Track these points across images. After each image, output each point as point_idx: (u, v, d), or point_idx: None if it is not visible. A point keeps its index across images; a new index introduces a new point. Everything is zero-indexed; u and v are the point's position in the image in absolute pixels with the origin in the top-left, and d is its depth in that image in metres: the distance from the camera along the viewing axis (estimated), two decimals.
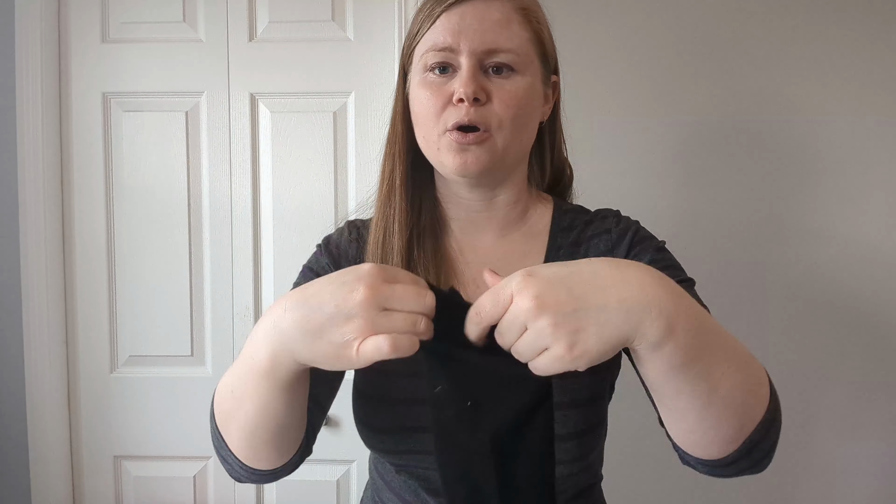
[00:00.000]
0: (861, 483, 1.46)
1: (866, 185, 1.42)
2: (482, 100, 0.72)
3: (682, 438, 0.59)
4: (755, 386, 0.57)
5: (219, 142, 1.53)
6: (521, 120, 0.74)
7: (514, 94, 0.73)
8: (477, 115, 0.72)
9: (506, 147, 0.74)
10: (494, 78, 0.73)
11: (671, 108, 1.44)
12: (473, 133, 0.73)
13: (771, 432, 0.58)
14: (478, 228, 0.83)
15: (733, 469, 0.60)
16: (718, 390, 0.53)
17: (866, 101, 1.41)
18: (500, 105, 0.73)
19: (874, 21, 1.39)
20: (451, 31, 0.73)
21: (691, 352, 0.51)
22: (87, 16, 1.52)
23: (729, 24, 1.42)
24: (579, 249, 0.81)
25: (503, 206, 0.82)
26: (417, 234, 0.80)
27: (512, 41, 0.73)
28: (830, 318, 1.44)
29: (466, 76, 0.72)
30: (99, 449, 1.58)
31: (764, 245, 1.44)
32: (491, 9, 0.73)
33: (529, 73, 0.75)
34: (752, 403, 0.56)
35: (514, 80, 0.74)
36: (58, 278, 1.54)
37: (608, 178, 1.44)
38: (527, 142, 0.78)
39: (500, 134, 0.74)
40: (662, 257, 0.78)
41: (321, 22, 1.51)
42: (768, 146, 1.43)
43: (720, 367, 0.53)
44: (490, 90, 0.73)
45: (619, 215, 0.84)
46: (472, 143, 0.73)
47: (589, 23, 1.43)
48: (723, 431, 0.56)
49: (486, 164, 0.74)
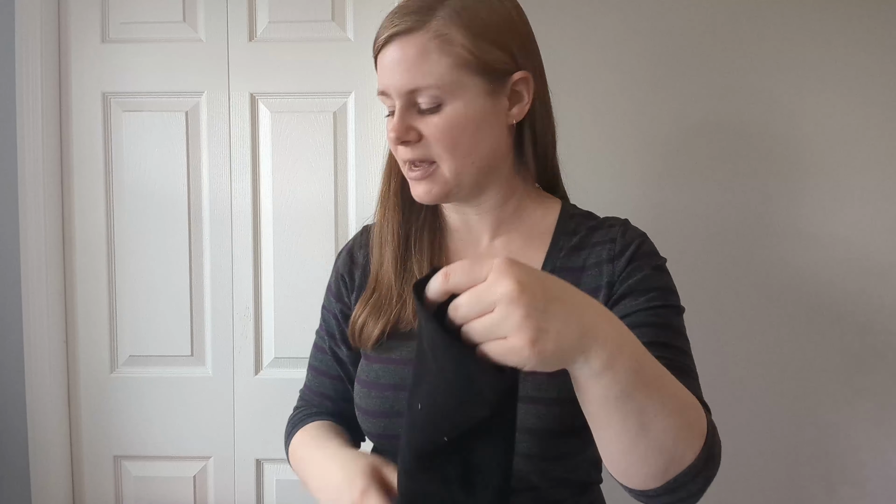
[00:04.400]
0: (858, 482, 1.46)
1: (856, 186, 1.42)
2: (413, 140, 0.75)
3: (607, 462, 0.61)
4: (688, 432, 0.58)
5: (219, 142, 1.53)
6: (462, 146, 0.75)
7: (443, 128, 0.74)
8: (415, 153, 0.75)
9: (456, 173, 0.76)
10: (426, 113, 0.74)
11: (659, 108, 1.44)
12: (419, 170, 0.76)
13: (699, 478, 0.59)
14: (472, 230, 0.85)
15: (657, 501, 0.61)
16: (648, 430, 0.55)
17: (856, 102, 1.41)
18: (433, 140, 0.74)
19: (863, 21, 1.39)
20: (383, 76, 0.75)
21: (627, 388, 0.52)
22: (87, 16, 1.52)
23: (718, 26, 1.42)
24: (580, 254, 0.81)
25: (493, 209, 0.84)
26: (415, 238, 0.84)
27: (431, 75, 0.73)
28: (819, 318, 1.44)
29: (396, 120, 0.75)
30: (99, 449, 1.58)
31: (753, 245, 1.44)
32: (407, 46, 0.73)
33: (461, 97, 0.74)
34: (682, 448, 0.57)
35: (444, 112, 0.74)
36: (58, 278, 1.54)
37: (596, 178, 1.43)
38: (485, 157, 0.78)
39: (444, 164, 0.76)
40: (657, 277, 0.78)
41: (321, 22, 1.51)
42: (757, 147, 1.43)
43: (653, 409, 0.54)
44: (422, 127, 0.74)
45: (626, 225, 0.84)
46: (421, 177, 0.77)
47: (579, 23, 1.43)
48: (647, 468, 0.57)
49: (439, 193, 0.77)
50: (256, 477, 1.57)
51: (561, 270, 0.80)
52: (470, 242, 0.86)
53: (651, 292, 0.76)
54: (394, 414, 0.79)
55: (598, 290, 0.78)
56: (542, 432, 0.74)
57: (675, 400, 0.57)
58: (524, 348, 0.46)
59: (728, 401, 1.43)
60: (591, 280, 0.79)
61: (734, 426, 1.41)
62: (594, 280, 0.79)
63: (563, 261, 0.81)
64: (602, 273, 0.79)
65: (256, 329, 1.55)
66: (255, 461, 1.57)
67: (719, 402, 0.90)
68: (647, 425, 0.54)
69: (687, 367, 0.73)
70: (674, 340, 0.74)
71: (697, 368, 0.76)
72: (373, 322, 0.83)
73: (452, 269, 0.50)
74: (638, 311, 0.75)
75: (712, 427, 0.63)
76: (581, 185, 1.00)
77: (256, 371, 1.56)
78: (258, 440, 1.56)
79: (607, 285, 0.78)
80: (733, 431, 0.62)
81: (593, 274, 0.79)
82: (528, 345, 0.46)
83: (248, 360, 1.56)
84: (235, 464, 1.57)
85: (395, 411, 0.79)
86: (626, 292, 0.77)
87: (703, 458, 0.59)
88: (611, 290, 0.78)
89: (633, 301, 0.76)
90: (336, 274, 0.93)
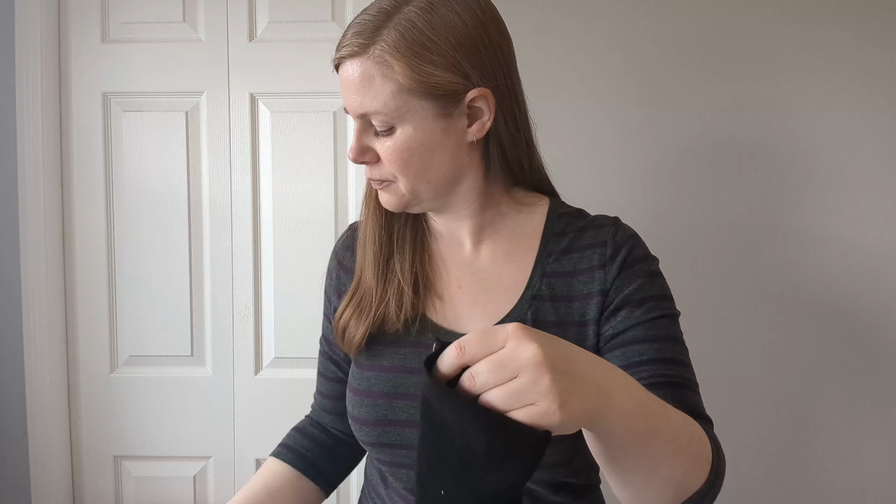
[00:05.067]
0: (859, 482, 1.46)
1: (857, 187, 1.42)
2: (370, 160, 0.75)
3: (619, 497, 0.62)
4: (695, 463, 0.59)
5: (219, 142, 1.53)
6: (412, 168, 0.74)
7: (394, 151, 0.73)
8: (373, 172, 0.77)
9: (413, 190, 0.76)
10: (381, 135, 0.74)
11: (660, 111, 1.43)
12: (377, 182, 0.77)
13: (707, 497, 0.61)
14: (454, 235, 0.85)
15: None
16: (660, 469, 0.56)
17: (857, 105, 1.40)
18: (387, 162, 0.74)
19: (864, 25, 1.39)
20: (342, 94, 0.75)
21: (641, 438, 0.53)
22: (87, 16, 1.52)
23: (718, 29, 1.42)
24: (571, 257, 0.80)
25: (469, 217, 0.82)
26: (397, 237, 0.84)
27: (376, 101, 0.71)
28: (820, 319, 1.44)
29: (353, 141, 0.75)
30: (99, 449, 1.58)
31: (752, 247, 1.44)
32: (353, 70, 0.72)
33: (409, 121, 0.72)
34: (691, 480, 0.59)
35: (394, 135, 0.73)
36: (58, 278, 1.54)
37: (596, 181, 1.44)
38: (442, 176, 0.76)
39: (401, 182, 0.76)
40: (652, 284, 0.77)
41: (321, 22, 1.51)
42: (759, 149, 1.43)
43: (663, 450, 0.55)
44: (375, 149, 0.75)
45: (616, 224, 0.81)
46: (383, 190, 0.78)
47: (578, 26, 1.43)
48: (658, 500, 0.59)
49: (398, 204, 0.78)
50: None
51: (552, 275, 0.79)
52: (454, 246, 0.85)
53: (647, 303, 0.75)
54: (387, 422, 0.79)
55: (591, 296, 0.77)
56: None
57: (679, 435, 0.58)
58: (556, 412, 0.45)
59: (727, 402, 1.43)
60: (581, 286, 0.78)
61: (733, 427, 1.41)
62: (585, 286, 0.78)
63: (553, 265, 0.80)
64: (594, 279, 0.78)
65: (256, 329, 1.56)
66: (255, 461, 1.57)
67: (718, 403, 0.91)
68: (658, 466, 0.56)
69: (689, 381, 0.74)
70: (675, 354, 0.74)
71: (697, 371, 0.76)
72: (355, 323, 0.82)
73: (467, 342, 0.47)
74: (637, 324, 0.74)
75: (716, 446, 0.64)
76: (580, 187, 1.00)
77: (256, 371, 1.56)
78: (258, 440, 1.56)
79: (600, 293, 0.77)
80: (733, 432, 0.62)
81: (585, 279, 0.78)
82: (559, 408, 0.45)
83: (248, 360, 1.56)
84: (235, 464, 1.57)
85: (388, 419, 0.79)
86: (622, 304, 0.76)
87: (711, 482, 0.61)
88: (605, 299, 0.77)
89: (631, 313, 0.75)
90: (327, 275, 0.94)
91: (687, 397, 0.71)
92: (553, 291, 0.79)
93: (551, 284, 0.79)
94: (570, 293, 0.79)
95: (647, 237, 0.83)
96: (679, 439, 0.57)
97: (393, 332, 0.81)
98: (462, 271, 0.83)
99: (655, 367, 0.72)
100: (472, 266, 0.83)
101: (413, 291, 0.81)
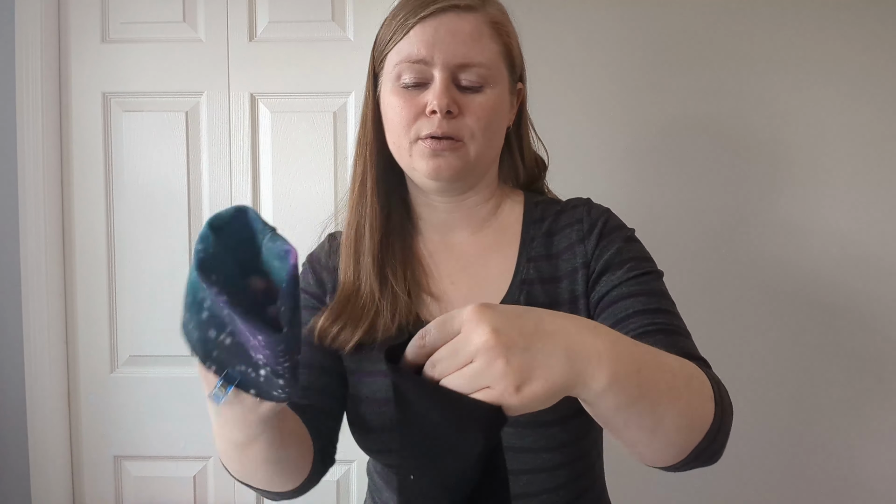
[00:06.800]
0: (860, 482, 1.46)
1: (852, 183, 1.42)
2: (455, 112, 0.75)
3: (632, 454, 0.61)
4: (698, 403, 0.58)
5: (219, 142, 1.53)
6: (491, 130, 0.77)
7: (484, 107, 0.76)
8: (450, 127, 0.75)
9: (478, 156, 0.77)
10: (466, 92, 0.75)
11: (653, 106, 1.44)
12: (447, 140, 0.75)
13: (719, 436, 0.60)
14: (449, 228, 0.85)
15: (685, 468, 0.62)
16: (663, 421, 0.55)
17: (849, 99, 1.41)
18: (472, 118, 0.75)
19: (845, 17, 1.39)
20: (424, 44, 0.74)
21: (635, 392, 0.52)
22: (87, 16, 1.52)
23: (701, 23, 1.42)
24: (552, 240, 0.83)
25: (473, 206, 0.84)
26: (387, 234, 0.82)
27: (483, 55, 0.75)
28: (818, 317, 1.44)
29: (440, 89, 0.74)
30: (99, 449, 1.58)
31: (748, 244, 1.44)
32: (463, 22, 0.75)
33: (499, 85, 0.77)
34: (697, 423, 0.58)
35: (485, 93, 0.76)
36: (58, 278, 1.54)
37: (581, 174, 1.43)
38: (496, 149, 0.82)
39: (472, 144, 0.76)
40: (630, 248, 0.79)
41: (321, 22, 1.51)
42: (752, 144, 1.43)
43: (663, 401, 0.54)
44: (462, 103, 0.75)
45: (589, 203, 0.85)
46: (446, 149, 0.75)
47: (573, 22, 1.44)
48: (671, 449, 0.58)
49: (459, 170, 0.77)
50: None
51: (537, 259, 0.82)
52: (441, 240, 0.85)
53: (628, 263, 0.77)
54: (392, 428, 0.78)
55: (575, 272, 0.80)
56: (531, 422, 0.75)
57: (677, 380, 0.57)
58: (512, 395, 0.45)
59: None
60: (566, 264, 0.81)
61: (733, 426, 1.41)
62: (569, 263, 0.80)
63: (536, 250, 0.82)
64: (576, 255, 0.80)
65: None
66: None
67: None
68: (661, 418, 0.55)
69: (678, 327, 0.74)
70: (661, 304, 0.75)
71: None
72: (350, 331, 0.79)
73: (427, 329, 0.49)
74: (620, 283, 0.76)
75: (716, 382, 0.63)
76: (574, 183, 1.00)
77: None
78: None
79: (583, 266, 0.79)
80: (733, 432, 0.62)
81: (567, 257, 0.81)
82: (516, 391, 0.45)
83: None
84: None
85: (393, 425, 0.77)
86: (604, 269, 0.78)
87: (719, 418, 0.60)
88: (588, 270, 0.79)
89: (613, 275, 0.77)
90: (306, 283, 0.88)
91: (679, 342, 0.71)
92: (540, 274, 0.81)
93: (538, 268, 0.81)
94: (556, 274, 0.81)
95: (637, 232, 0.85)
96: (677, 385, 0.56)
97: (386, 337, 0.79)
98: (452, 267, 0.83)
99: (643, 318, 0.72)
100: (462, 260, 0.84)
101: (408, 296, 0.80)
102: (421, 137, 0.75)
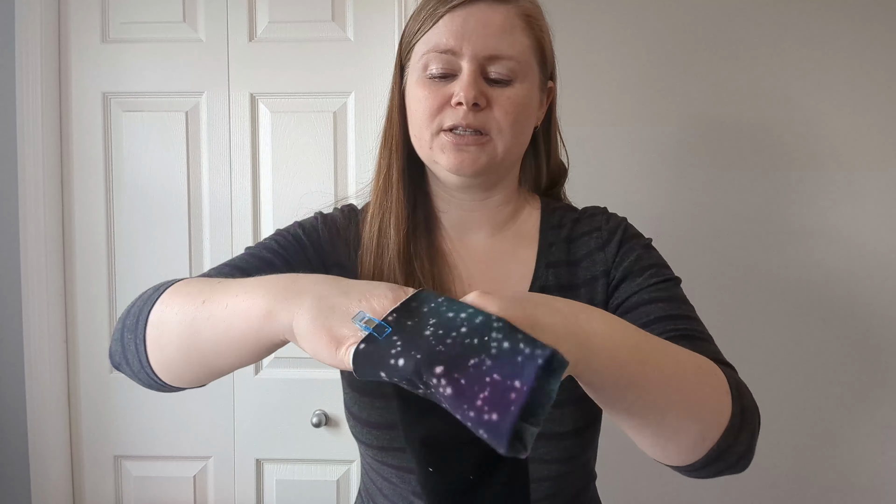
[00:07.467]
0: (861, 482, 1.46)
1: (862, 185, 1.42)
2: (482, 105, 0.72)
3: (644, 449, 0.60)
4: (710, 398, 0.57)
5: (219, 142, 1.53)
6: (519, 126, 0.75)
7: (513, 101, 0.73)
8: (476, 119, 0.73)
9: (504, 152, 0.75)
10: (494, 85, 0.73)
11: (662, 107, 1.44)
12: (473, 136, 0.73)
13: (742, 436, 0.58)
14: (468, 227, 0.83)
15: (708, 472, 0.60)
16: (666, 414, 0.54)
17: (858, 100, 1.41)
18: (500, 112, 0.73)
19: (865, 20, 1.40)
20: (454, 34, 0.72)
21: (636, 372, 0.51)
22: (87, 16, 1.52)
23: (720, 24, 1.42)
24: (570, 247, 0.82)
25: (494, 207, 0.82)
26: (413, 229, 0.80)
27: (513, 48, 0.73)
28: (826, 318, 1.44)
29: (468, 81, 0.72)
30: (99, 449, 1.59)
31: (758, 245, 1.44)
32: (495, 13, 0.73)
33: (528, 79, 0.75)
34: (709, 416, 0.56)
35: (514, 87, 0.74)
36: (58, 278, 1.54)
37: (598, 177, 1.44)
38: (523, 146, 0.79)
39: (499, 139, 0.74)
40: (649, 255, 0.79)
41: (321, 22, 1.51)
42: (760, 145, 1.43)
43: (667, 387, 0.53)
44: (490, 96, 0.73)
45: (606, 212, 0.85)
46: (471, 143, 0.73)
47: (583, 22, 1.43)
48: (682, 445, 0.56)
49: (483, 165, 0.74)
50: (256, 477, 1.57)
51: (555, 265, 0.81)
52: (460, 240, 0.83)
53: (648, 269, 0.77)
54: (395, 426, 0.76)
55: (595, 280, 0.79)
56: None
57: (687, 366, 0.56)
58: None
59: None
60: (585, 272, 0.80)
61: None
62: (588, 271, 0.80)
63: (556, 255, 0.81)
64: (595, 262, 0.80)
65: None
66: (255, 461, 1.57)
67: None
68: (663, 411, 0.54)
69: (701, 332, 0.73)
70: (683, 310, 0.74)
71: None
72: None
73: None
74: (641, 289, 0.76)
75: (736, 382, 0.61)
76: (585, 185, 1.00)
77: (256, 371, 1.56)
78: (258, 440, 1.56)
79: (603, 273, 0.79)
80: None
81: (587, 265, 0.80)
82: None
83: None
84: (235, 464, 1.57)
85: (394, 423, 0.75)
86: (624, 276, 0.77)
87: (738, 415, 0.58)
88: (608, 278, 0.79)
89: (633, 282, 0.76)
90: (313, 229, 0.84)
91: (702, 348, 0.68)
92: (559, 281, 0.80)
93: (557, 274, 0.80)
94: (575, 281, 0.80)
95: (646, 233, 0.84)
96: (683, 373, 0.55)
97: None
98: (471, 269, 0.82)
99: (665, 324, 0.72)
100: (480, 262, 0.82)
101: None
102: (444, 129, 0.73)
